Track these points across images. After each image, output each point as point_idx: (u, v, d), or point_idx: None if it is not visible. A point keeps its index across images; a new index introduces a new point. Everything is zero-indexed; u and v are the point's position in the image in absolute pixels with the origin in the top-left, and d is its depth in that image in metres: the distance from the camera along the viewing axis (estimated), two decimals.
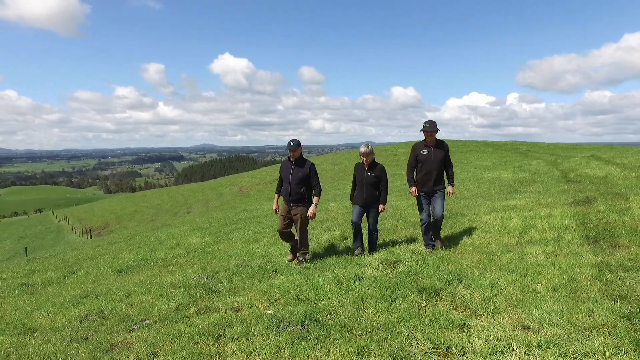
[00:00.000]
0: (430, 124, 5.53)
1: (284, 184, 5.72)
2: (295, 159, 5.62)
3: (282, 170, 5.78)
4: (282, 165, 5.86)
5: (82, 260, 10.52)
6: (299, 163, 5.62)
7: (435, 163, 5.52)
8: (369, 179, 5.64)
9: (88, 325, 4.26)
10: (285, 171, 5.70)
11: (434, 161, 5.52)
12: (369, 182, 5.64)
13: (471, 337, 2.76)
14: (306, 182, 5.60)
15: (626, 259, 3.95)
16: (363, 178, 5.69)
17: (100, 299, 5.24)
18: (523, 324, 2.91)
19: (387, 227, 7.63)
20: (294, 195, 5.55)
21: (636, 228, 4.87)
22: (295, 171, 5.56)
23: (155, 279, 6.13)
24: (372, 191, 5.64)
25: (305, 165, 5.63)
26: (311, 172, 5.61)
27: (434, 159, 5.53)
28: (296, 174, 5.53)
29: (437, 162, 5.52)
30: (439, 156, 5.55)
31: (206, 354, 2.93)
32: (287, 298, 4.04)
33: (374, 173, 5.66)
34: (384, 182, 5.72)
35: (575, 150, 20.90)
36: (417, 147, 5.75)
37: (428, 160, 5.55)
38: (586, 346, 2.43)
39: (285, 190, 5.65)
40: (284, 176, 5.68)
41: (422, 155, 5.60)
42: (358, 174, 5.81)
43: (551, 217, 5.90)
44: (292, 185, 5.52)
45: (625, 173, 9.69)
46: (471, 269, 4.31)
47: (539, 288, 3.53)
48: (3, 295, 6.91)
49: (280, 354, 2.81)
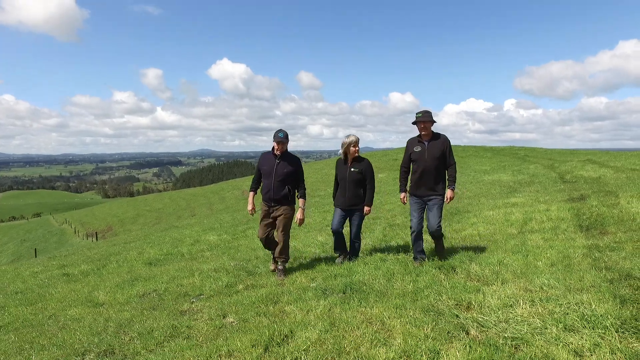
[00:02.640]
0: (424, 113, 4.63)
1: (264, 180, 5.01)
2: (281, 152, 4.94)
3: (263, 164, 5.03)
4: (262, 159, 5.11)
5: (107, 256, 11.12)
6: (285, 157, 4.94)
7: (430, 161, 4.61)
8: (352, 176, 4.98)
9: (149, 300, 4.92)
10: (267, 165, 4.97)
11: (429, 159, 4.62)
12: (352, 180, 4.99)
13: (486, 297, 3.44)
14: (292, 179, 4.96)
15: (613, 242, 4.64)
16: (345, 175, 5.03)
17: (150, 282, 5.89)
18: (527, 289, 3.59)
19: (397, 223, 8.31)
20: (277, 194, 4.89)
21: (623, 219, 5.57)
22: (281, 166, 4.88)
23: (192, 266, 6.78)
24: (355, 190, 5.01)
25: (293, 160, 4.98)
26: (299, 169, 5.02)
27: (429, 157, 4.62)
28: (281, 170, 4.86)
29: (432, 160, 4.62)
30: (436, 153, 4.63)
31: (271, 312, 3.60)
32: (324, 275, 4.71)
33: (357, 169, 4.98)
34: (370, 179, 5.05)
35: (572, 156, 21.69)
36: (411, 142, 4.85)
37: (422, 159, 4.65)
38: (577, 299, 3.11)
39: (266, 188, 4.96)
40: (266, 171, 4.95)
41: (415, 152, 4.72)
42: (339, 170, 5.15)
43: (549, 211, 6.61)
44: (275, 182, 4.85)
45: (617, 174, 10.43)
46: (480, 252, 4.99)
47: (539, 264, 4.22)
48: (49, 283, 7.54)
49: (332, 310, 3.48)
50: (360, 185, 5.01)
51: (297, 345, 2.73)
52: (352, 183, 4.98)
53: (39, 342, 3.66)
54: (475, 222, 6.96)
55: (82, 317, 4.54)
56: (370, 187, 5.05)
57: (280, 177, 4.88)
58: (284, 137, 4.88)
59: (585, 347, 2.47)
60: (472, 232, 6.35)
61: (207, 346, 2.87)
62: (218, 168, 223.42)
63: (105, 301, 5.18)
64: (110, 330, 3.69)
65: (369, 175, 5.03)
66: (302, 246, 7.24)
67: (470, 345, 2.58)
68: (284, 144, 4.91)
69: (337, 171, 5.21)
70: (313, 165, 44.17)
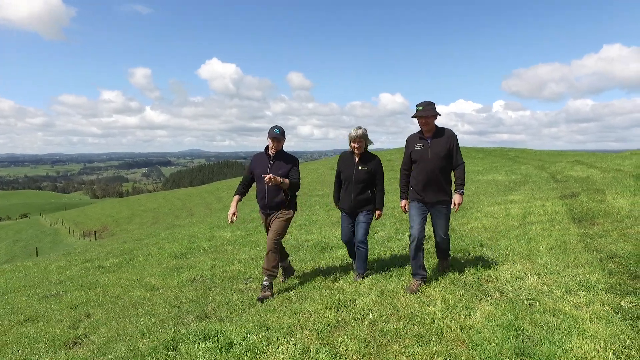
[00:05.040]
0: (425, 106, 3.93)
1: (258, 184, 4.42)
2: (276, 151, 4.39)
3: (256, 166, 4.44)
4: (254, 161, 4.51)
5: (128, 251, 11.69)
6: (280, 157, 4.39)
7: (433, 162, 3.98)
8: (359, 175, 4.35)
9: (202, 283, 5.60)
10: (260, 168, 4.38)
11: (432, 159, 3.98)
12: (359, 180, 4.36)
13: (500, 272, 4.22)
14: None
15: (601, 230, 5.47)
16: (352, 174, 4.39)
17: (193, 270, 6.55)
18: (533, 267, 4.38)
19: (405, 218, 9.08)
20: (271, 200, 4.31)
21: (609, 212, 6.42)
22: (277, 167, 4.31)
23: (227, 257, 7.47)
24: (363, 192, 4.39)
25: (289, 160, 4.42)
26: (296, 168, 4.44)
27: (432, 156, 3.99)
28: (276, 172, 4.26)
29: (437, 160, 3.98)
30: (440, 151, 3.98)
31: (329, 287, 4.33)
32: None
33: (366, 167, 4.36)
34: (380, 179, 4.46)
35: (561, 157, 22.82)
36: (411, 140, 4.20)
37: (423, 158, 4.02)
38: (574, 272, 3.91)
39: (260, 194, 4.39)
40: (259, 175, 4.32)
41: (416, 151, 4.08)
42: (345, 168, 4.48)
43: (545, 206, 7.45)
44: (269, 186, 4.22)
45: (603, 174, 11.36)
46: (489, 240, 5.80)
47: (541, 248, 5.02)
48: (87, 274, 8.15)
49: (377, 284, 4.22)
50: (368, 186, 4.40)
51: (362, 306, 3.48)
52: (360, 184, 4.36)
53: (128, 313, 4.35)
54: (479, 217, 7.77)
55: (148, 297, 5.21)
56: (381, 188, 4.48)
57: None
58: (280, 134, 4.30)
59: (582, 303, 3.25)
60: (478, 225, 7.15)
61: (287, 310, 3.59)
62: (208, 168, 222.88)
63: (160, 286, 5.85)
64: (187, 304, 4.39)
65: (379, 174, 4.44)
66: (321, 238, 7.98)
67: (496, 302, 3.36)
68: (280, 141, 4.34)
69: (342, 168, 4.52)
70: (308, 165, 44.89)
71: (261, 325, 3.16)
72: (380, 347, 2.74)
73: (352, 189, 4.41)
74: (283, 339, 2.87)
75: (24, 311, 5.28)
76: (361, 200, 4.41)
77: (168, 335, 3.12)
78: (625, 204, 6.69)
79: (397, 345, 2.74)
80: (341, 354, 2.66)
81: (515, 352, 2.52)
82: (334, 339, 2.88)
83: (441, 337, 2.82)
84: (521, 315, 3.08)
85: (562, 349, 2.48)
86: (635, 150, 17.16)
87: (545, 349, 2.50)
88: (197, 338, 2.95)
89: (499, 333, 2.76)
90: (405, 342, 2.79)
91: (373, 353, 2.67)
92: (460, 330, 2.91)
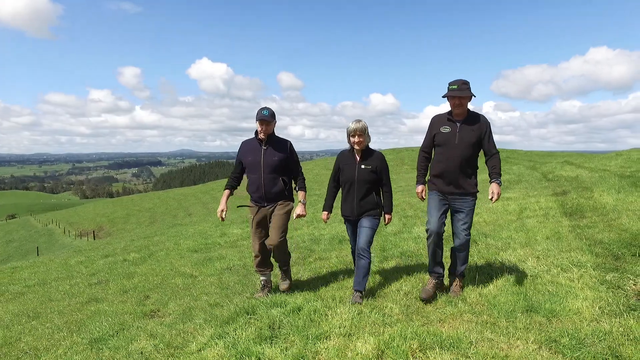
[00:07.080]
0: (460, 85, 3.49)
1: (250, 175, 4.00)
2: (267, 135, 3.92)
3: (246, 154, 4.00)
4: (243, 149, 4.06)
5: (144, 247, 12.21)
6: (272, 142, 3.96)
7: (460, 149, 3.56)
8: (363, 175, 3.83)
9: (237, 271, 6.25)
10: (251, 156, 3.95)
11: (459, 145, 3.56)
12: (363, 180, 3.83)
13: (505, 256, 4.96)
14: (286, 169, 4.00)
15: (589, 222, 6.26)
16: (353, 174, 3.85)
17: (224, 260, 7.18)
18: (532, 252, 5.13)
19: (410, 215, 9.81)
20: (270, 190, 3.91)
21: (596, 207, 7.22)
22: (269, 154, 3.90)
23: (245, 250, 8.10)
24: (367, 194, 3.86)
25: (282, 144, 4.00)
26: (292, 153, 4.06)
27: (461, 142, 3.56)
28: (271, 158, 3.89)
29: (465, 148, 3.56)
30: (470, 138, 3.56)
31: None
32: (376, 248, 6.17)
33: (370, 165, 3.83)
34: (386, 179, 3.95)
35: (551, 157, 23.84)
36: (437, 120, 3.73)
37: (449, 143, 3.58)
38: (568, 255, 4.67)
39: (254, 185, 3.96)
40: (251, 163, 3.94)
41: (442, 134, 3.62)
42: (346, 167, 3.91)
43: (539, 203, 8.25)
44: (265, 175, 3.87)
45: (591, 174, 12.23)
46: (491, 231, 6.54)
47: (538, 238, 5.77)
48: (116, 267, 8.71)
49: (397, 266, 4.94)
50: (373, 187, 3.88)
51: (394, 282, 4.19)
52: (363, 185, 3.84)
53: (184, 294, 4.99)
54: (479, 212, 8.53)
55: (192, 283, 5.84)
56: (388, 189, 3.96)
57: (270, 167, 3.90)
58: (270, 115, 3.85)
59: (575, 277, 3.99)
60: (479, 219, 7.90)
61: (331, 285, 4.28)
62: (199, 169, 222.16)
63: (197, 274, 6.47)
64: (235, 286, 5.05)
65: (385, 173, 3.92)
66: (335, 232, 8.65)
67: (506, 278, 4.09)
68: (270, 123, 3.88)
69: (342, 167, 3.96)
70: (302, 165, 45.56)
71: (316, 297, 3.84)
72: (417, 309, 3.45)
73: (354, 191, 3.86)
74: (339, 305, 3.56)
75: (80, 295, 5.88)
76: (366, 204, 3.85)
77: (245, 303, 3.78)
78: (610, 200, 7.51)
79: (431, 307, 3.45)
80: (388, 314, 3.36)
81: (526, 309, 3.25)
82: (379, 304, 3.59)
83: (465, 301, 3.54)
84: (527, 285, 3.82)
85: (561, 306, 3.21)
86: (620, 151, 18.15)
87: (548, 306, 3.23)
88: (269, 305, 3.62)
89: (511, 297, 3.49)
90: (437, 305, 3.50)
91: (413, 312, 3.38)
92: (480, 296, 3.63)
